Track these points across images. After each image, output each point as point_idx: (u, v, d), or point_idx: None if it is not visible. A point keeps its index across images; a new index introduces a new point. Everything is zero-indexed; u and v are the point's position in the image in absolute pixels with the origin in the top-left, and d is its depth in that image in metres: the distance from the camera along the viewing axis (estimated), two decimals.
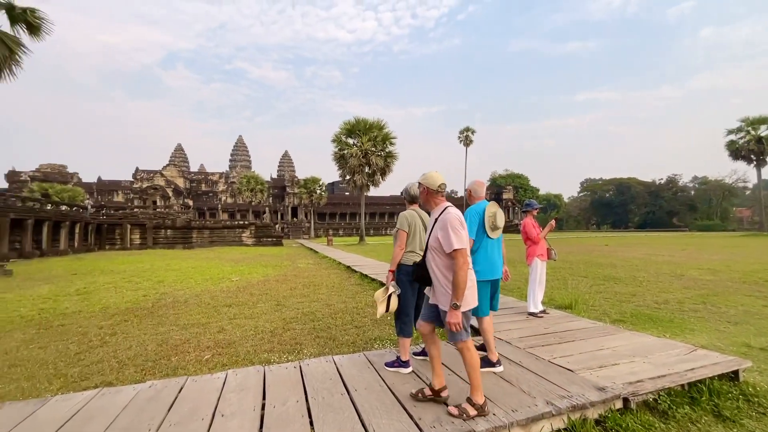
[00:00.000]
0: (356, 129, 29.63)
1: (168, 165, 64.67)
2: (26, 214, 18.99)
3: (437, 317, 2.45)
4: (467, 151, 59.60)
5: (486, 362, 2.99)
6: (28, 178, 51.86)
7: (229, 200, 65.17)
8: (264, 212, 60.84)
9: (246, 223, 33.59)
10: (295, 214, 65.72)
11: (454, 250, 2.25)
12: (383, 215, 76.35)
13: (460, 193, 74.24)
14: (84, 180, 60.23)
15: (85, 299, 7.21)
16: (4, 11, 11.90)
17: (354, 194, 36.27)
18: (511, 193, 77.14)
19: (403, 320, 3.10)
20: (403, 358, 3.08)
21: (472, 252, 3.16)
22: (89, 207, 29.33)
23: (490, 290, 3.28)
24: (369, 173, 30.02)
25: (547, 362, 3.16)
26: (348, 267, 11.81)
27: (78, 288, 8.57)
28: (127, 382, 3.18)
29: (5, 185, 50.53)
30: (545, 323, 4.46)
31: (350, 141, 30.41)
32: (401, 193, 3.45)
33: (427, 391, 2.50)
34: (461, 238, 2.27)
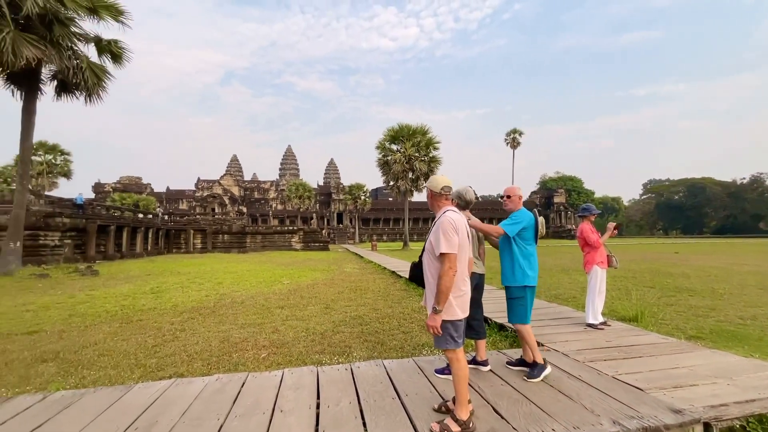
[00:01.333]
0: (399, 135, 29.85)
1: (225, 175, 69.70)
2: (109, 221, 21.49)
3: None
4: (514, 153, 57.45)
5: (521, 362, 3.19)
6: (111, 189, 58.69)
7: (279, 207, 68.59)
8: (311, 218, 63.20)
9: (295, 228, 35.12)
10: (340, 219, 67.44)
11: (441, 254, 2.21)
12: (427, 220, 75.77)
13: None
14: (155, 190, 66.83)
15: (157, 297, 7.97)
16: (93, 44, 13.70)
17: (397, 200, 36.47)
18: (563, 196, 72.91)
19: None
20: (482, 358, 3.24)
21: (529, 256, 3.11)
22: (160, 214, 32.47)
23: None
24: (412, 179, 30.02)
25: (610, 378, 2.94)
26: (393, 272, 11.88)
27: (152, 287, 9.51)
28: (196, 375, 3.47)
29: (92, 195, 57.57)
30: (606, 336, 4.15)
31: (394, 147, 30.69)
32: (452, 198, 3.37)
33: (450, 405, 2.42)
34: (451, 243, 2.21)
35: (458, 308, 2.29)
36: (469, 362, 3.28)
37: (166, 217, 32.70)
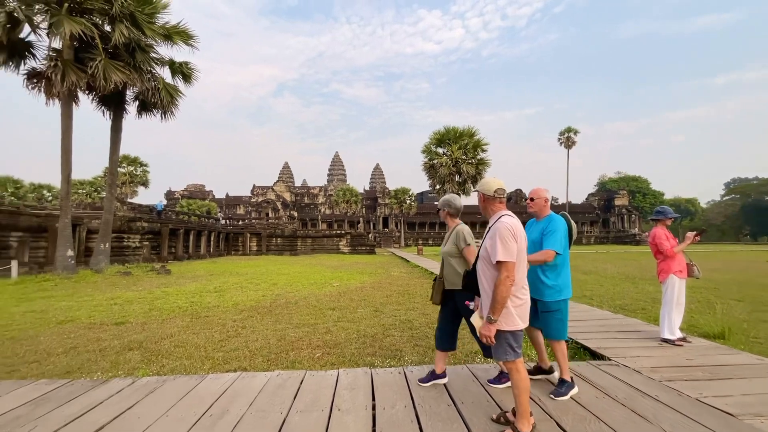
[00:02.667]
0: (446, 138, 29.49)
1: (277, 181, 73.64)
2: (179, 225, 23.69)
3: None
4: (569, 153, 54.09)
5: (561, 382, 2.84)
6: (179, 196, 64.69)
7: (328, 211, 70.89)
8: (358, 222, 64.49)
9: (342, 232, 36.07)
10: (386, 223, 68.01)
11: (498, 262, 2.11)
12: (474, 225, 73.75)
13: (562, 199, 67.30)
14: (216, 196, 72.47)
15: (220, 296, 8.62)
16: (167, 66, 15.26)
17: None
18: (625, 198, 67.02)
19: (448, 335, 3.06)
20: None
21: (558, 267, 2.89)
22: (221, 219, 35.14)
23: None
24: (459, 182, 29.45)
25: (693, 400, 2.64)
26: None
27: (215, 286, 10.30)
28: (258, 369, 3.69)
29: (164, 201, 63.88)
30: (686, 353, 3.73)
31: (440, 150, 30.36)
32: (442, 206, 3.13)
33: (510, 416, 2.33)
34: (509, 250, 2.10)
35: (518, 317, 2.20)
36: (425, 378, 3.03)
37: (223, 221, 35.31)
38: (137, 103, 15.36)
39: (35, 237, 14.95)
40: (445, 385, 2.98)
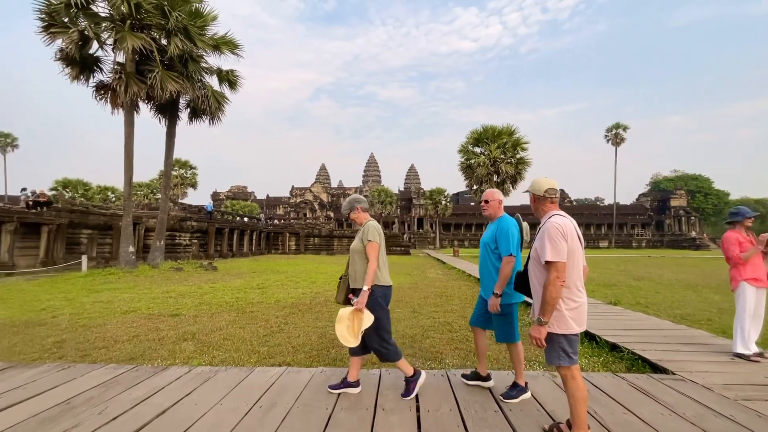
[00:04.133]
0: (483, 137, 28.78)
1: (315, 182, 75.71)
2: (224, 225, 25.05)
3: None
4: (617, 151, 50.79)
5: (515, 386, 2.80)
6: (224, 197, 68.40)
7: None
8: (393, 223, 64.65)
9: None
10: (420, 224, 67.59)
11: (547, 262, 2.07)
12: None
13: (609, 200, 63.21)
14: (258, 197, 75.84)
15: (263, 293, 8.98)
16: (215, 75, 16.19)
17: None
18: (683, 198, 61.73)
19: (389, 342, 2.82)
20: (351, 378, 2.85)
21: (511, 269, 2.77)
22: (263, 219, 36.70)
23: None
24: (498, 182, 28.59)
25: None
26: (479, 279, 11.41)
27: (258, 283, 10.75)
28: (301, 365, 3.79)
29: (211, 202, 67.90)
30: (765, 371, 3.34)
31: (477, 150, 29.68)
32: (350, 206, 3.04)
33: (564, 428, 2.23)
34: (558, 250, 2.05)
35: (572, 321, 2.10)
36: (338, 385, 2.87)
37: (265, 221, 36.85)
38: (189, 110, 16.45)
39: (102, 234, 16.46)
40: (490, 389, 2.89)
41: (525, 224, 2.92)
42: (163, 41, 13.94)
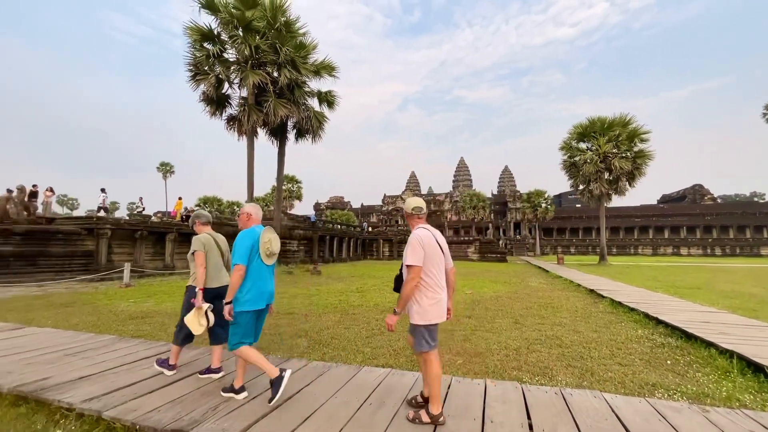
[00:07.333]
0: (590, 131, 25.66)
1: (405, 190, 77.35)
2: (326, 233, 27.36)
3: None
4: None
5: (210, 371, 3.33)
6: (324, 207, 74.76)
7: (454, 218, 70.39)
8: (486, 228, 61.88)
9: (471, 239, 35.20)
10: (517, 229, 63.23)
11: (406, 265, 2.53)
12: (631, 230, 61.60)
13: None
14: (353, 206, 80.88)
15: (362, 296, 9.50)
16: (315, 97, 17.94)
17: (590, 206, 31.12)
18: None
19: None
20: (214, 366, 3.40)
21: (246, 280, 2.88)
22: (365, 227, 39.06)
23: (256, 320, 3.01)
24: (610, 180, 25.09)
25: None
26: (591, 290, 10.13)
27: (357, 287, 11.43)
28: (403, 368, 3.89)
29: (313, 212, 74.94)
30: None
31: (582, 145, 26.60)
32: (192, 220, 3.72)
33: (419, 398, 2.76)
34: (416, 256, 2.49)
35: (432, 314, 2.52)
36: (204, 371, 3.42)
37: (367, 230, 39.21)
38: (295, 130, 18.53)
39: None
40: (619, 418, 2.54)
41: (271, 236, 3.04)
42: (275, 73, 16.06)
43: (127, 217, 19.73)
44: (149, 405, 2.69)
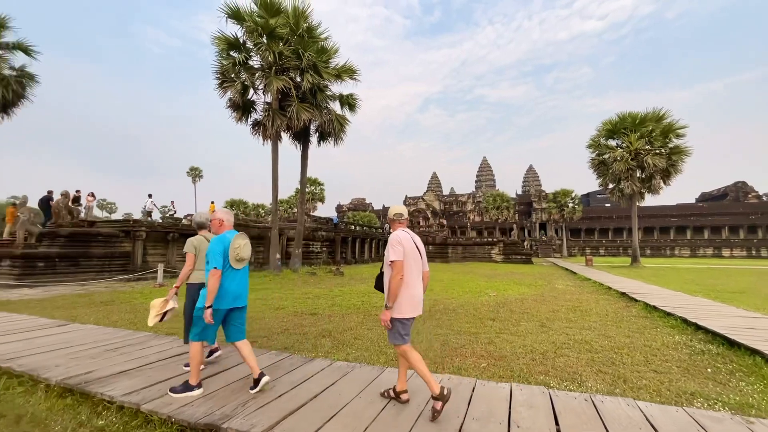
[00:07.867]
0: (620, 127, 24.63)
1: (427, 191, 76.87)
2: (348, 234, 27.62)
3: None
4: None
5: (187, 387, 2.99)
6: (346, 209, 75.46)
7: (477, 218, 69.30)
8: (510, 229, 60.56)
9: (495, 240, 34.53)
10: (543, 230, 61.50)
11: (390, 261, 2.74)
12: (666, 230, 58.57)
13: None
14: (375, 207, 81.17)
15: None
16: (337, 100, 18.16)
17: (620, 205, 29.81)
18: None
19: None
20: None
21: (222, 281, 3.02)
22: (387, 228, 39.14)
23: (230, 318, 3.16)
24: (642, 178, 23.99)
25: None
26: (623, 293, 9.72)
27: None
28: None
29: (335, 214, 75.77)
30: None
31: (612, 142, 25.57)
32: (193, 223, 4.01)
33: (391, 393, 2.90)
34: (397, 253, 2.72)
35: (406, 308, 2.72)
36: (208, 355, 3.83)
37: (388, 230, 39.11)
38: (317, 134, 18.84)
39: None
40: (654, 427, 2.43)
41: (242, 242, 3.15)
42: (298, 78, 16.40)
43: (160, 220, 20.67)
44: (183, 399, 2.82)
